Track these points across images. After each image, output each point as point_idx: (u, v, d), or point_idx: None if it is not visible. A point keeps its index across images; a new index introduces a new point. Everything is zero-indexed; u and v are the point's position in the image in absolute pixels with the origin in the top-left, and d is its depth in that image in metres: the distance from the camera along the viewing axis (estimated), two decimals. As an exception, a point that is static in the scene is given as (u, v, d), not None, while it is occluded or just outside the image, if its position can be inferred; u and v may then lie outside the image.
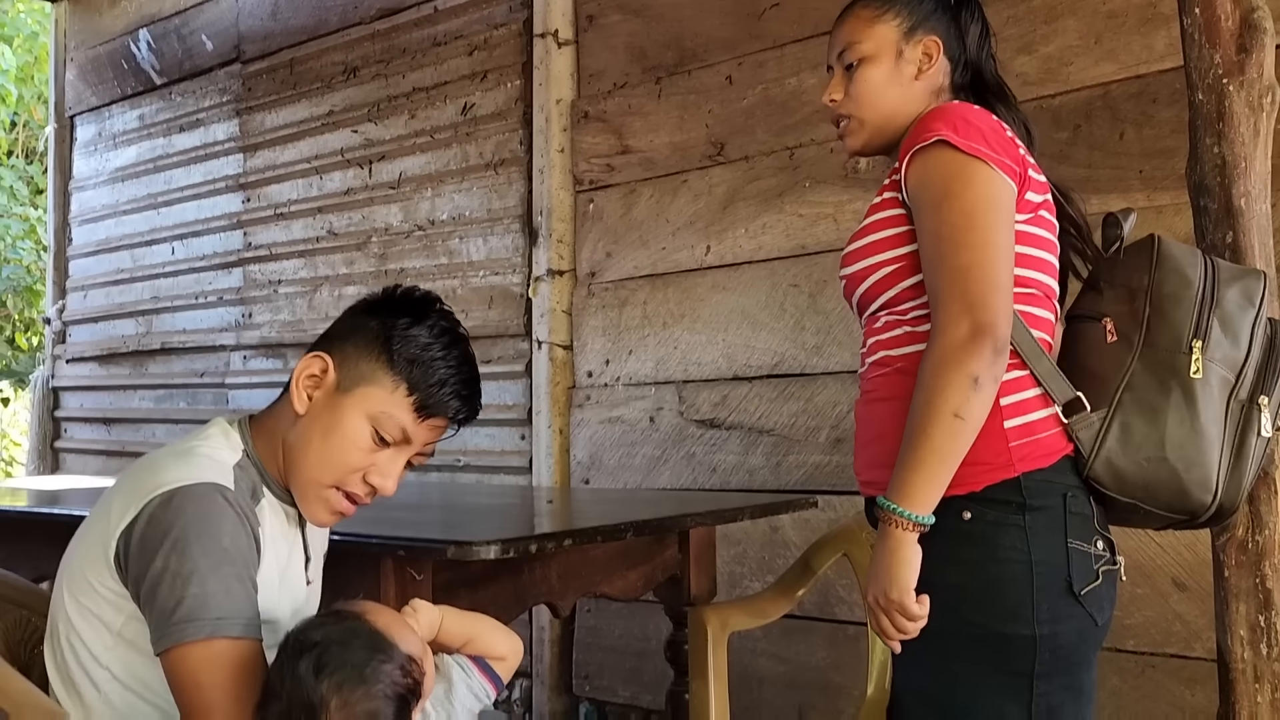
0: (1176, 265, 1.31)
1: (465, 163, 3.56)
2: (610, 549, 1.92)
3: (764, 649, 2.74)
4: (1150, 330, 1.28)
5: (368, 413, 1.29)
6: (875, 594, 1.23)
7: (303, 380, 1.30)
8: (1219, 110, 1.54)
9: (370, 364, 1.29)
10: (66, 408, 5.07)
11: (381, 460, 1.30)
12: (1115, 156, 2.30)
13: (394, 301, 1.35)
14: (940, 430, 1.18)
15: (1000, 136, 1.29)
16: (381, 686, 1.13)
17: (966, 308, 1.20)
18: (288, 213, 4.11)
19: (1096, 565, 1.25)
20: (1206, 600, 2.04)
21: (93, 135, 5.02)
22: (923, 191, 1.27)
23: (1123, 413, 1.26)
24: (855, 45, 1.40)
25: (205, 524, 1.20)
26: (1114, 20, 2.32)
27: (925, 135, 1.27)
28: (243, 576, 1.22)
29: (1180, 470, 1.25)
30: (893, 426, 1.28)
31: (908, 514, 1.20)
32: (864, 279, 1.35)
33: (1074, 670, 1.25)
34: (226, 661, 1.18)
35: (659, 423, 3.02)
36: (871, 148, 1.44)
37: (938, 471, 1.20)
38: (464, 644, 1.31)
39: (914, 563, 1.20)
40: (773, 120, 2.84)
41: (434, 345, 1.31)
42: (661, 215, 3.05)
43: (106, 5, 4.94)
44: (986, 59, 1.44)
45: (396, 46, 3.77)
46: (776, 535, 2.75)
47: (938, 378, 1.19)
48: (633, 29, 3.15)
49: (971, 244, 1.21)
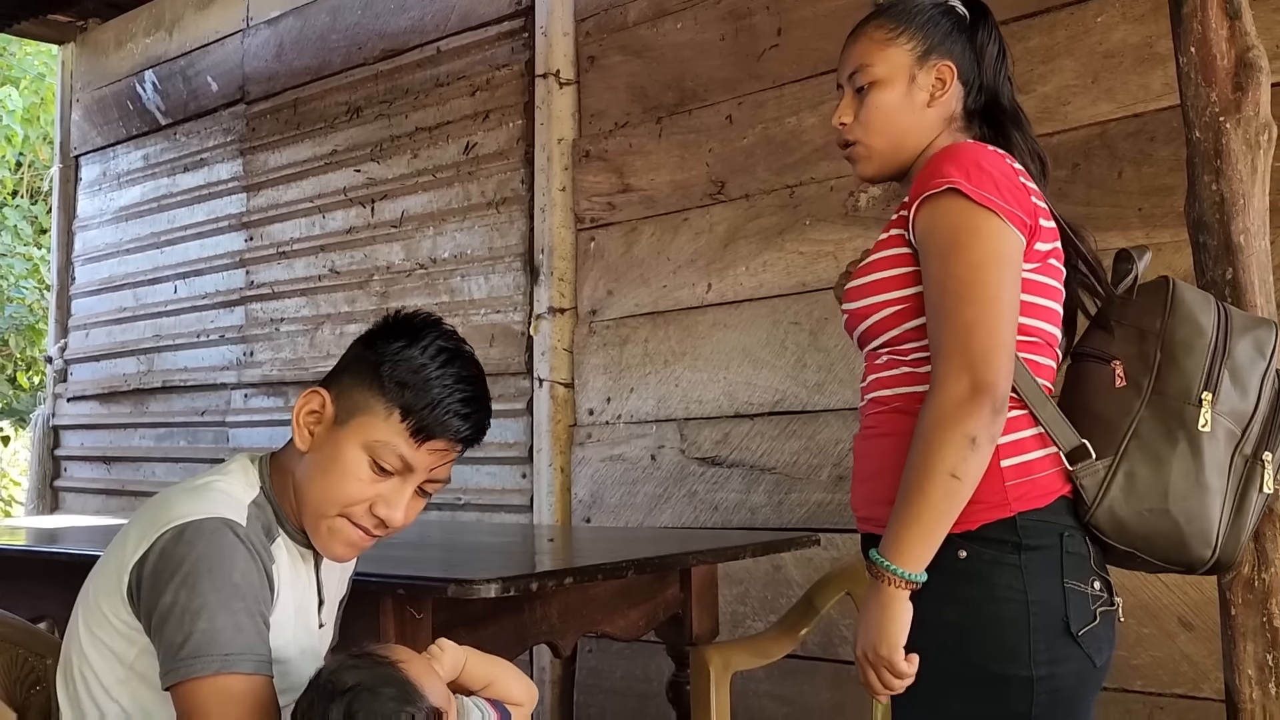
0: (1190, 312, 1.29)
1: (467, 201, 3.58)
2: (612, 587, 1.91)
3: (767, 690, 2.71)
4: (1160, 377, 1.27)
5: (363, 443, 1.26)
6: (864, 648, 1.22)
7: (303, 417, 1.29)
8: (1216, 147, 1.55)
9: (364, 393, 1.27)
10: (67, 446, 5.06)
11: (387, 491, 1.28)
12: (1114, 195, 2.31)
13: (391, 327, 1.33)
14: (936, 489, 1.17)
15: (1013, 184, 1.25)
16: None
17: (967, 365, 1.18)
18: (290, 251, 4.13)
19: (1094, 606, 1.24)
20: (1214, 640, 2.02)
21: (97, 175, 5.06)
22: (930, 239, 1.25)
23: (1128, 461, 1.25)
24: (867, 68, 1.36)
25: (216, 559, 1.19)
26: (1110, 60, 2.34)
27: (936, 181, 1.24)
28: (253, 612, 1.20)
29: (1182, 523, 1.24)
30: (890, 463, 1.27)
31: (901, 572, 1.18)
32: (866, 316, 1.33)
33: (1073, 712, 1.23)
34: (234, 698, 1.16)
35: (660, 461, 3.01)
36: (882, 175, 1.41)
37: (932, 530, 1.18)
38: (484, 687, 1.29)
39: (904, 620, 1.19)
40: (773, 159, 2.86)
41: (428, 366, 1.27)
42: (662, 253, 3.06)
43: (113, 47, 5.00)
44: (1003, 82, 1.40)
45: (400, 87, 3.81)
46: (779, 574, 2.73)
47: (935, 435, 1.18)
48: (634, 69, 3.18)
49: (976, 299, 1.20)
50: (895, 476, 1.26)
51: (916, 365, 1.28)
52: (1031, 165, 1.36)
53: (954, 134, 1.37)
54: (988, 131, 1.39)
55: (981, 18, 1.40)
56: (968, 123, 1.38)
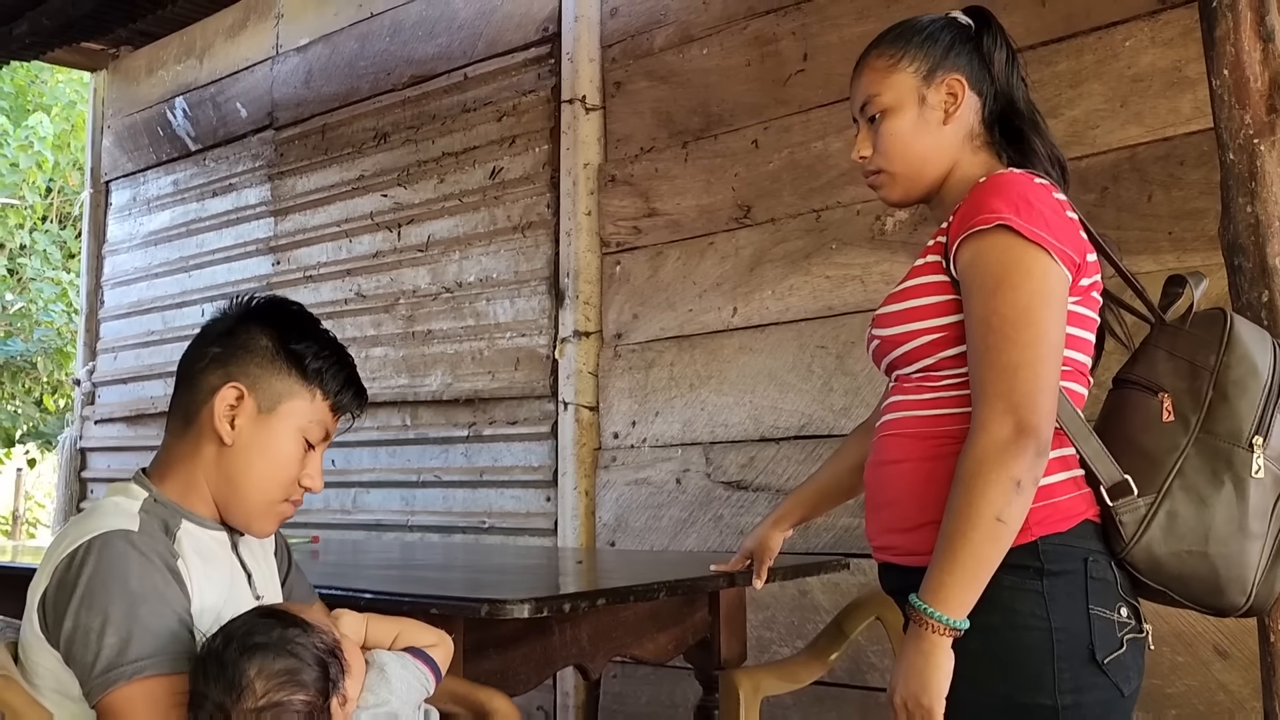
0: (1246, 352, 1.26)
1: (493, 225, 3.61)
2: (641, 611, 1.90)
3: (794, 717, 2.68)
4: (1210, 416, 1.24)
5: (298, 426, 1.36)
6: (904, 696, 1.18)
7: (224, 412, 1.33)
8: (1251, 170, 1.55)
9: (283, 381, 1.36)
10: (94, 468, 5.09)
11: (310, 463, 1.39)
12: (1144, 218, 2.30)
13: (268, 314, 1.41)
14: (981, 534, 1.15)
15: (1061, 219, 1.24)
16: (298, 648, 1.18)
17: (1011, 407, 1.15)
18: (317, 275, 4.17)
19: (1121, 633, 1.20)
20: (1250, 668, 2.00)
21: (127, 200, 5.12)
22: (976, 274, 1.22)
23: (1170, 500, 1.22)
24: (875, 98, 1.35)
25: (109, 572, 1.21)
26: (1139, 84, 2.34)
27: (985, 216, 1.22)
28: (161, 613, 1.22)
29: (1220, 568, 1.22)
30: (908, 490, 1.26)
31: (944, 619, 1.16)
32: (901, 344, 1.31)
33: None
34: (155, 700, 1.18)
35: (685, 484, 3.00)
36: (910, 199, 1.39)
37: (976, 574, 1.16)
38: (392, 641, 1.36)
39: (947, 668, 1.16)
40: (799, 183, 2.87)
41: (325, 351, 1.39)
42: (688, 277, 3.07)
43: (144, 74, 5.08)
44: (1017, 84, 1.37)
45: (427, 113, 3.85)
46: (806, 599, 2.71)
47: (979, 478, 1.15)
48: (659, 95, 3.20)
49: (1023, 342, 1.17)
50: (910, 504, 1.25)
51: (948, 390, 1.27)
52: (1052, 171, 1.34)
53: (978, 150, 1.36)
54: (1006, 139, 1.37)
55: (985, 24, 1.38)
56: (988, 133, 1.36)
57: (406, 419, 3.82)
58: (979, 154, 1.36)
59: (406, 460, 3.81)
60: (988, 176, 1.27)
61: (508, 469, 3.50)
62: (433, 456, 3.72)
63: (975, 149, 1.36)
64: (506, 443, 3.51)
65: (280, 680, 1.15)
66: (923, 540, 1.23)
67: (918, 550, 1.24)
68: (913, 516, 1.26)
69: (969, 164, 1.35)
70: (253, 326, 1.38)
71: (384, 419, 3.89)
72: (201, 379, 1.36)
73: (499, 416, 3.53)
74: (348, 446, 4.00)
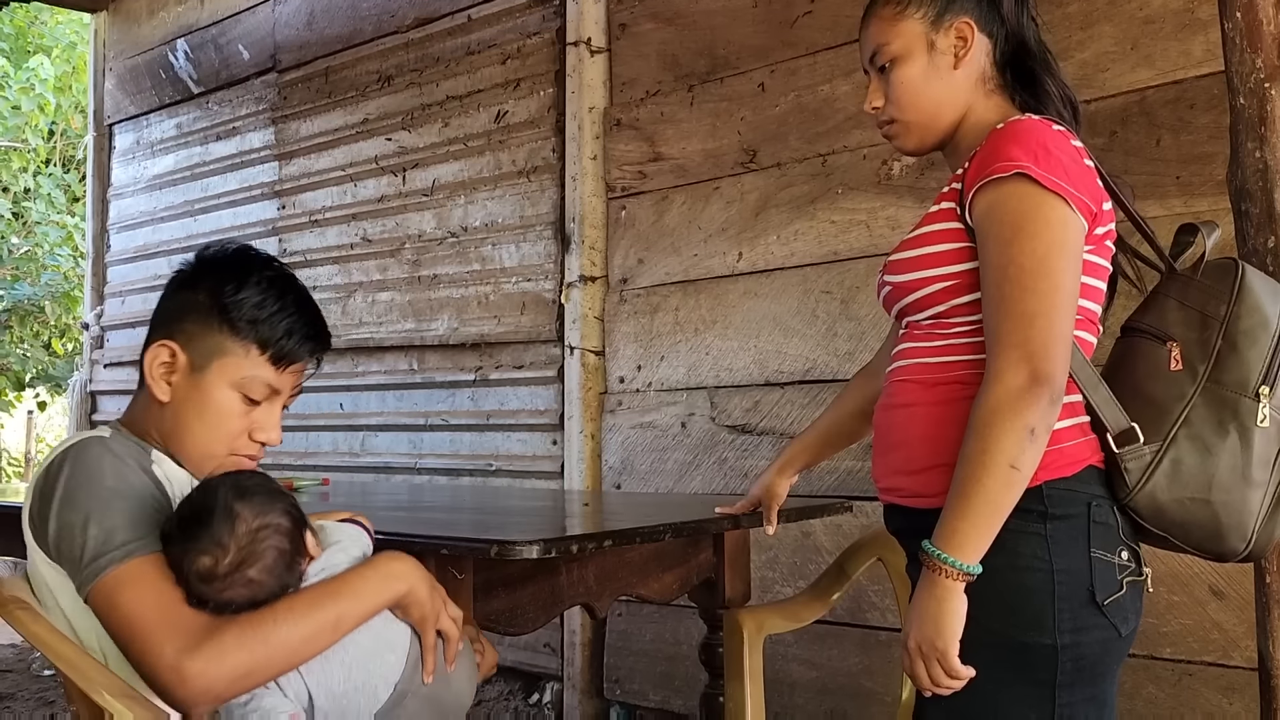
0: (1257, 302, 1.26)
1: (498, 170, 3.60)
2: (646, 551, 1.93)
3: (796, 654, 2.74)
4: (1218, 365, 1.24)
5: (231, 382, 1.34)
6: (919, 640, 1.20)
7: (156, 370, 1.34)
8: (1261, 114, 1.54)
9: (215, 336, 1.34)
10: (104, 411, 5.14)
11: (259, 417, 1.36)
12: (1152, 163, 2.29)
13: (212, 267, 1.38)
14: (995, 480, 1.16)
15: (1079, 167, 1.23)
16: (263, 479, 1.27)
17: (1026, 355, 1.16)
18: (322, 219, 4.16)
19: (1121, 575, 1.23)
20: (1245, 608, 2.03)
21: (131, 143, 5.10)
22: (993, 223, 1.22)
23: (1175, 449, 1.23)
24: (884, 47, 1.34)
25: (84, 474, 1.24)
26: (1150, 26, 2.31)
27: (1003, 165, 1.21)
28: (141, 503, 1.25)
29: (1221, 515, 1.23)
30: (918, 433, 1.27)
31: (958, 564, 1.17)
32: (913, 290, 1.31)
33: (1096, 681, 1.23)
34: (148, 576, 1.20)
35: (690, 428, 3.03)
36: (926, 146, 1.39)
37: (990, 521, 1.17)
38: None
39: (961, 613, 1.18)
40: (805, 127, 2.85)
41: (266, 300, 1.35)
42: (693, 222, 3.07)
43: (145, 16, 5.03)
44: (1028, 23, 1.35)
45: (430, 55, 3.81)
46: (808, 541, 2.75)
47: (993, 426, 1.16)
48: (665, 37, 3.17)
49: (1040, 291, 1.18)
50: (919, 446, 1.26)
51: (959, 337, 1.28)
52: (1064, 111, 1.33)
53: (991, 93, 1.35)
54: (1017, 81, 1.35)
55: None
56: (1000, 77, 1.35)
57: (414, 363, 3.84)
58: (992, 98, 1.35)
59: (414, 404, 3.84)
60: (1005, 123, 1.27)
61: (514, 412, 3.53)
62: (440, 400, 3.75)
63: (988, 93, 1.35)
64: (513, 387, 3.53)
65: (263, 503, 1.23)
66: (929, 483, 1.25)
67: (924, 492, 1.26)
68: (921, 459, 1.27)
69: (983, 108, 1.34)
70: (195, 281, 1.37)
71: (391, 363, 3.92)
72: (149, 335, 1.38)
73: (505, 361, 3.55)
74: (355, 390, 4.03)
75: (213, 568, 1.19)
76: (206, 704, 1.19)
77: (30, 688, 3.98)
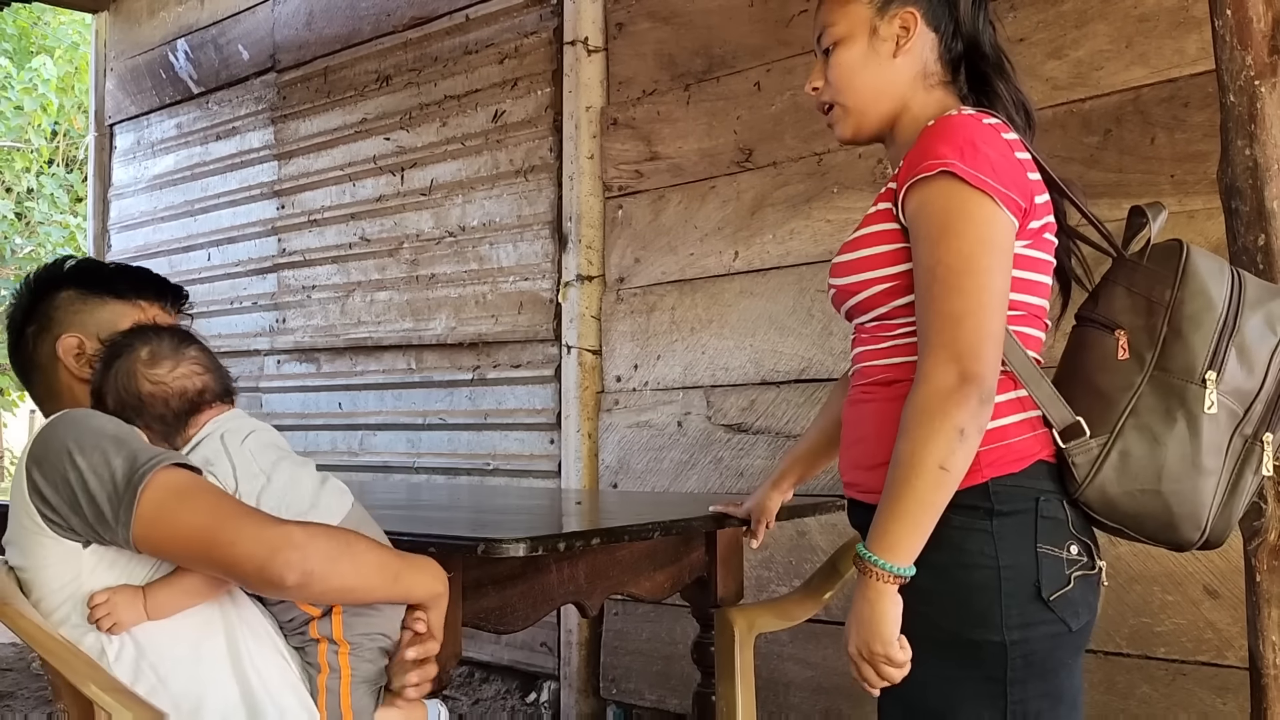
0: (1202, 285, 1.24)
1: (496, 169, 3.60)
2: (638, 550, 1.93)
3: (790, 654, 2.74)
4: (1164, 353, 1.23)
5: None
6: (858, 645, 1.20)
7: (75, 361, 1.40)
8: (1251, 112, 1.53)
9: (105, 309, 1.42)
10: (104, 411, 5.15)
11: None
12: (1146, 161, 2.29)
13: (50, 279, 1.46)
14: (925, 482, 1.15)
15: (1008, 161, 1.21)
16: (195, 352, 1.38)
17: (954, 356, 1.15)
18: (321, 219, 4.17)
19: (1069, 570, 1.21)
20: (1238, 607, 2.03)
21: (131, 143, 5.11)
22: (921, 222, 1.21)
23: (1123, 440, 1.22)
24: (829, 28, 1.34)
25: (84, 429, 1.25)
26: (1145, 24, 2.31)
27: (930, 163, 1.20)
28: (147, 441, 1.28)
29: (1173, 505, 1.22)
30: (872, 429, 1.27)
31: (889, 566, 1.16)
32: (855, 293, 1.31)
33: (1049, 676, 1.22)
34: (184, 479, 1.23)
35: (687, 427, 3.03)
36: (863, 134, 1.37)
37: (920, 522, 1.16)
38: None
39: (895, 615, 1.17)
40: (801, 126, 2.85)
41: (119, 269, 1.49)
42: (690, 221, 3.07)
43: (145, 16, 5.04)
44: (984, 27, 1.34)
45: (428, 55, 3.82)
46: (803, 540, 2.75)
47: (922, 427, 1.15)
48: (662, 36, 3.17)
49: (966, 290, 1.16)
50: (873, 443, 1.26)
51: (904, 338, 1.27)
52: (1017, 117, 1.32)
53: (933, 88, 1.33)
54: (970, 83, 1.35)
55: None
56: (950, 74, 1.34)
57: (411, 362, 3.85)
58: (933, 93, 1.33)
59: (412, 403, 3.84)
60: (936, 120, 1.25)
61: (511, 412, 3.53)
62: (438, 399, 3.76)
63: (929, 87, 1.33)
64: (510, 386, 3.53)
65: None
66: (880, 479, 1.24)
67: (876, 489, 1.25)
68: (873, 455, 1.27)
69: (922, 103, 1.33)
70: (47, 294, 1.44)
71: (389, 362, 3.92)
72: (38, 359, 1.42)
73: (503, 360, 3.56)
74: (353, 389, 4.04)
75: (155, 353, 1.32)
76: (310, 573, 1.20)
77: (30, 686, 3.99)
